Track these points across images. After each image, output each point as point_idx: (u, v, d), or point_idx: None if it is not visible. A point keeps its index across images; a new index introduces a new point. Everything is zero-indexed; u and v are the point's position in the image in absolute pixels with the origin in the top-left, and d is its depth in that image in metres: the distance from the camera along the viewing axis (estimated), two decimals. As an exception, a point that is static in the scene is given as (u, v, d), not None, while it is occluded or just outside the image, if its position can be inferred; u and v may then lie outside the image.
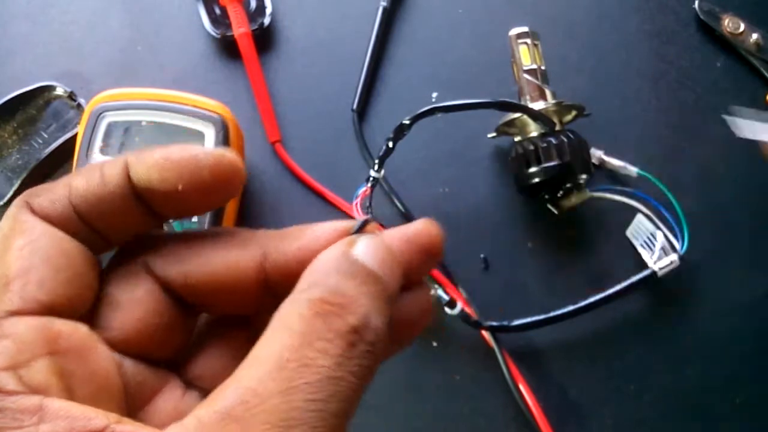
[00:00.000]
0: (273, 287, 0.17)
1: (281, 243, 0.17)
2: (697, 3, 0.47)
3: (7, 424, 0.14)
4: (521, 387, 0.39)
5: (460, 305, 0.38)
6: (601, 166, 0.44)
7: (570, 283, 0.42)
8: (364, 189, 0.39)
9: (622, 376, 0.41)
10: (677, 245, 0.40)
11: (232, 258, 0.17)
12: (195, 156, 0.17)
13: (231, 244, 0.18)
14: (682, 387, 0.41)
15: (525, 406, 0.39)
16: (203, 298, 0.18)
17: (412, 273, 0.17)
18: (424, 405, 0.40)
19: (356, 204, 0.39)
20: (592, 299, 0.40)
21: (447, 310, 0.38)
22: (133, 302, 0.17)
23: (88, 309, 0.17)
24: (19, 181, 0.41)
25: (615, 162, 0.43)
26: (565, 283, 0.42)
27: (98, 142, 0.39)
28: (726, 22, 0.47)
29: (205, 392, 0.17)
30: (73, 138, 0.41)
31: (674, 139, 0.45)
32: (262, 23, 0.46)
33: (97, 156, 0.39)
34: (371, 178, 0.39)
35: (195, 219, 0.38)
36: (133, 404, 0.17)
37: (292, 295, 0.15)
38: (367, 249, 0.16)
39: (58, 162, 0.43)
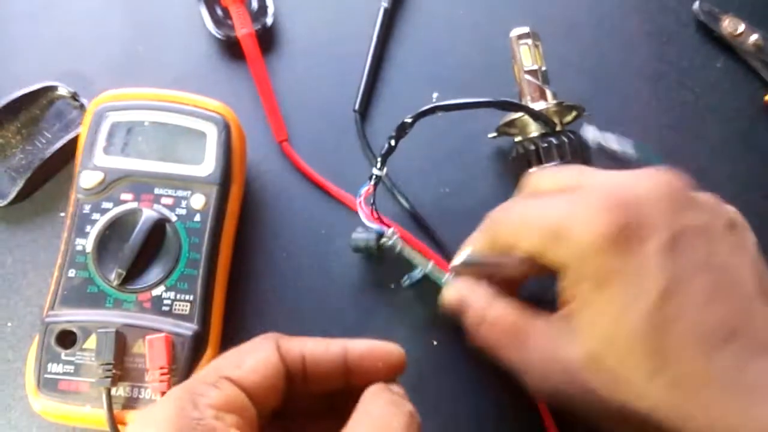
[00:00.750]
0: (350, 368, 0.29)
1: (355, 344, 0.29)
2: (696, 4, 0.48)
3: (208, 430, 0.23)
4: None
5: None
6: (600, 149, 0.42)
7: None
8: (367, 187, 0.39)
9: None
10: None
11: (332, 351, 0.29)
12: (390, 353, 0.29)
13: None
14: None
15: (531, 405, 0.39)
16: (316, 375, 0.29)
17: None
18: (424, 405, 0.40)
19: (360, 201, 0.39)
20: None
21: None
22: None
23: (267, 408, 0.27)
24: (23, 181, 0.42)
25: (610, 141, 0.41)
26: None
27: (101, 142, 0.39)
28: (726, 22, 0.47)
29: None
30: (76, 138, 0.41)
31: (674, 139, 0.46)
32: (265, 23, 0.46)
33: (100, 156, 0.39)
34: (374, 176, 0.39)
35: (198, 219, 0.38)
36: None
37: (366, 395, 0.27)
38: (397, 388, 0.29)
39: (62, 162, 0.43)
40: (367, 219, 0.39)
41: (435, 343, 0.41)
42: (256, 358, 0.27)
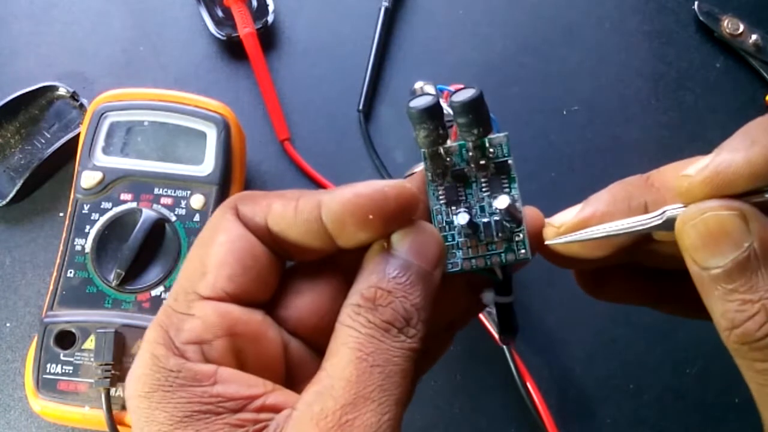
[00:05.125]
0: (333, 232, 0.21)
1: (333, 196, 0.21)
2: (696, 4, 0.48)
3: (189, 383, 0.18)
4: (529, 385, 0.39)
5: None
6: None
7: (570, 280, 0.42)
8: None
9: (621, 375, 0.41)
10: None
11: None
12: (382, 189, 0.20)
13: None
14: (681, 386, 0.41)
15: (531, 404, 0.38)
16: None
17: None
18: (424, 404, 0.40)
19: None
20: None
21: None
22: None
23: (267, 300, 0.21)
24: (21, 181, 0.42)
25: None
26: (565, 279, 0.42)
27: (100, 142, 0.39)
28: (725, 23, 0.47)
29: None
30: (76, 138, 0.41)
31: (674, 139, 0.45)
32: (266, 21, 0.46)
33: (99, 156, 0.39)
34: None
35: (197, 219, 0.38)
36: (294, 379, 0.21)
37: (343, 312, 0.20)
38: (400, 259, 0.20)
39: (61, 161, 0.43)
40: None
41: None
42: (217, 251, 0.20)
